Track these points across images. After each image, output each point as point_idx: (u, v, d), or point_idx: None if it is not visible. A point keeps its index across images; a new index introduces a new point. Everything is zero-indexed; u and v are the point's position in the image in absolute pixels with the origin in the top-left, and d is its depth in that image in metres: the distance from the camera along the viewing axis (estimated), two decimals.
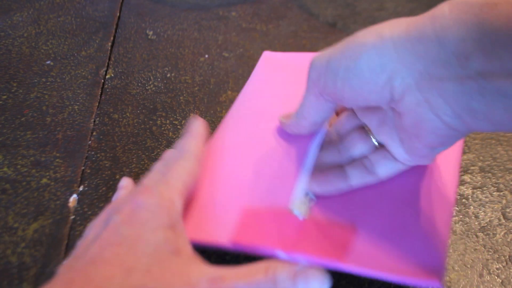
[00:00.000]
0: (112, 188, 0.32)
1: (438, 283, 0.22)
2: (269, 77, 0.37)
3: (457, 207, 0.31)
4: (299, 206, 0.26)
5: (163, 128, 0.36)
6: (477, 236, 0.30)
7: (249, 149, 0.30)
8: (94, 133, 0.36)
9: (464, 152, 0.35)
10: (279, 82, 0.36)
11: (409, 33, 0.21)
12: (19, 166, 0.33)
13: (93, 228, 0.24)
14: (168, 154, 0.28)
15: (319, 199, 0.27)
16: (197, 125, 0.29)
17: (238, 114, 0.33)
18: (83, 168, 0.33)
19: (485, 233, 0.30)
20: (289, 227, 0.25)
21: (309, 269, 0.21)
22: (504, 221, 0.31)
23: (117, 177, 0.33)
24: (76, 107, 0.38)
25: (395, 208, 0.26)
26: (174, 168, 0.26)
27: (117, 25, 0.46)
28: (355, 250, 0.24)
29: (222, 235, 0.25)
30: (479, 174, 0.34)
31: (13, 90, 0.39)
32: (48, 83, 0.40)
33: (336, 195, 0.27)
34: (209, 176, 0.29)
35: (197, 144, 0.28)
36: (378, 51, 0.21)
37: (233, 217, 0.26)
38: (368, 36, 0.22)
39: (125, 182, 0.30)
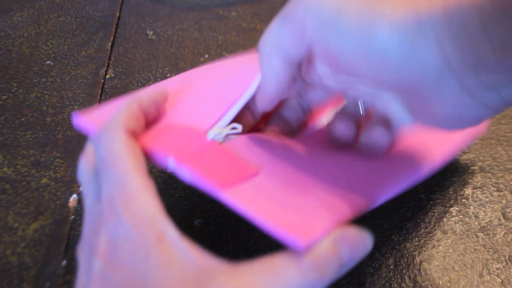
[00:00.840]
0: None
1: (299, 243, 0.18)
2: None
3: (457, 207, 0.31)
4: (215, 131, 0.24)
5: None
6: (477, 236, 0.30)
7: (206, 81, 0.29)
8: None
9: (464, 152, 0.35)
10: None
11: (451, 19, 0.17)
12: (19, 166, 0.33)
13: (79, 277, 0.20)
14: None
15: (244, 137, 0.25)
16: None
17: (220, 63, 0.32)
18: None
19: (485, 233, 0.30)
20: (193, 143, 0.23)
21: (346, 232, 0.19)
22: (504, 221, 0.31)
23: None
24: (76, 107, 0.38)
25: (316, 168, 0.24)
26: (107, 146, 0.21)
27: (117, 25, 0.46)
28: (242, 187, 0.21)
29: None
30: (479, 174, 0.34)
31: (13, 90, 0.39)
32: (48, 83, 0.40)
33: (265, 141, 0.25)
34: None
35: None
36: (413, 33, 0.18)
37: (153, 126, 0.24)
38: (399, 6, 0.18)
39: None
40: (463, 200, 0.32)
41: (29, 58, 0.42)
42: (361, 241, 0.20)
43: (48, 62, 0.42)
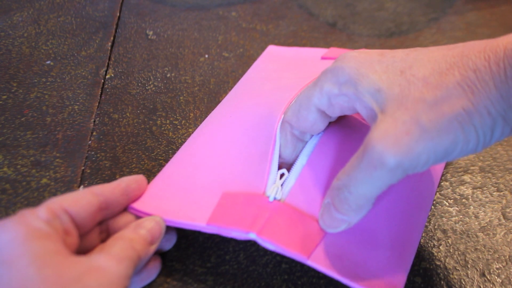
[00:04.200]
0: None
1: None
2: (266, 68, 0.37)
3: (457, 207, 0.31)
4: (272, 190, 0.26)
5: (163, 128, 0.36)
6: (477, 236, 0.30)
7: (228, 133, 0.30)
8: (94, 133, 0.36)
9: None
10: (274, 72, 0.36)
11: (506, 97, 0.20)
12: (19, 166, 0.33)
13: None
14: None
15: (298, 181, 0.26)
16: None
17: (227, 102, 0.34)
18: (83, 168, 0.33)
19: (485, 233, 0.30)
20: (262, 211, 0.25)
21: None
22: (504, 221, 0.31)
23: (117, 177, 0.33)
24: (76, 107, 0.38)
25: (372, 213, 0.25)
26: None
27: (117, 25, 0.46)
28: (321, 249, 0.23)
29: (197, 216, 0.25)
30: (479, 174, 0.34)
31: (13, 90, 0.39)
32: (48, 83, 0.40)
33: (320, 185, 0.26)
34: (188, 159, 0.29)
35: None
36: (490, 128, 0.20)
37: (209, 199, 0.26)
38: (472, 115, 0.20)
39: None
40: (463, 200, 0.32)
41: (29, 58, 0.42)
42: None
43: (48, 62, 0.42)
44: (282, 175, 0.26)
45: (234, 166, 0.27)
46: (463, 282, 0.28)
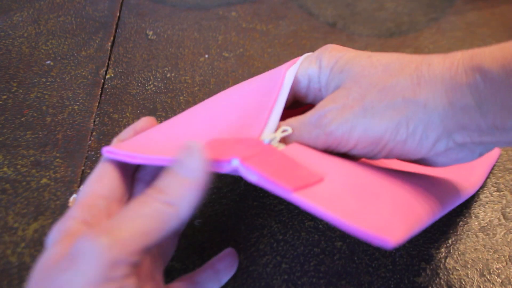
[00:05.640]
0: None
1: (388, 242, 0.18)
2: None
3: (457, 207, 0.31)
4: (269, 136, 0.23)
5: None
6: (477, 236, 0.30)
7: (227, 96, 0.28)
8: (94, 133, 0.36)
9: None
10: None
11: (453, 106, 0.20)
12: (19, 166, 0.33)
13: None
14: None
15: (297, 144, 0.24)
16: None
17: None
18: (83, 168, 0.33)
19: (485, 233, 0.30)
20: (253, 147, 0.22)
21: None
22: (504, 221, 0.31)
23: None
24: (76, 107, 0.38)
25: (377, 175, 0.23)
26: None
27: (117, 25, 0.46)
28: (312, 190, 0.20)
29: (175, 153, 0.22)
30: None
31: (13, 90, 0.39)
32: (48, 83, 0.40)
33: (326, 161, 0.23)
34: (183, 115, 0.27)
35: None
36: (423, 124, 0.21)
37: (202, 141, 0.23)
38: (408, 105, 0.21)
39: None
40: None
41: (29, 58, 0.42)
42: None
43: (48, 62, 0.42)
44: (283, 131, 0.24)
45: (230, 117, 0.25)
46: (463, 282, 0.28)
